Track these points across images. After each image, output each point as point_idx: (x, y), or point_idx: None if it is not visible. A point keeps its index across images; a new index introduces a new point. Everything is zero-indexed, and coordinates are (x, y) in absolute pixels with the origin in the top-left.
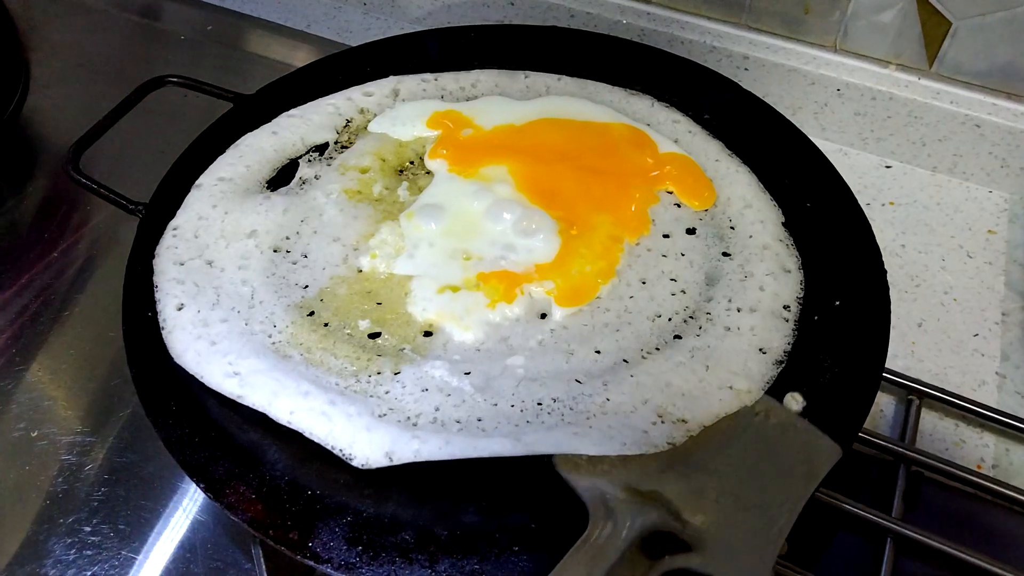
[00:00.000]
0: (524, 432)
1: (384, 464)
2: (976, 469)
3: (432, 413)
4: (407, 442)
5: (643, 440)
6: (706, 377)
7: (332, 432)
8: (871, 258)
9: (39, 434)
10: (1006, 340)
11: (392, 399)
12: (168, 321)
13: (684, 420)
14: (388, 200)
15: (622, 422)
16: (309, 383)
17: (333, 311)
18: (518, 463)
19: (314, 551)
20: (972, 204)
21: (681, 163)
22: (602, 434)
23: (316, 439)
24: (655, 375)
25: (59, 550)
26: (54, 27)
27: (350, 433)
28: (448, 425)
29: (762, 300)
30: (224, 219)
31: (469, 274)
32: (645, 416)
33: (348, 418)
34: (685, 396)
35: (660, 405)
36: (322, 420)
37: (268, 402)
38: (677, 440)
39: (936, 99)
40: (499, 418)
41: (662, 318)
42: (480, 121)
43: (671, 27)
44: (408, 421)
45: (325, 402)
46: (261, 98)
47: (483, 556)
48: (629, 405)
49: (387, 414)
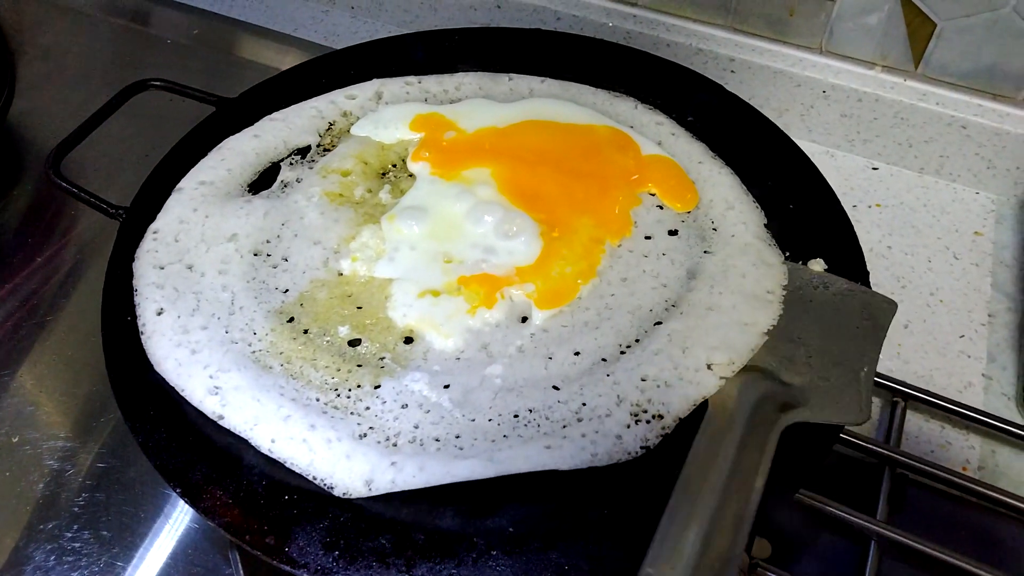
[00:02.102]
0: (499, 448)
1: (363, 494)
2: (961, 471)
3: (411, 431)
4: (385, 470)
5: (616, 448)
6: (682, 362)
7: (313, 463)
8: (854, 259)
9: (21, 439)
10: (992, 341)
11: (372, 416)
12: (148, 326)
13: (660, 416)
14: (370, 203)
15: (595, 428)
16: (290, 403)
17: (313, 317)
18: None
19: (290, 556)
20: (959, 205)
21: (664, 165)
22: (574, 446)
23: (298, 470)
24: (631, 370)
25: (39, 556)
26: (42, 30)
27: (330, 463)
28: (427, 444)
29: (745, 284)
30: (204, 223)
31: (450, 278)
32: (619, 419)
33: (328, 444)
34: (660, 388)
35: (635, 403)
36: (303, 449)
37: (250, 427)
38: (651, 442)
39: (922, 100)
40: (476, 433)
41: (642, 309)
42: (463, 124)
43: (657, 29)
44: (388, 442)
45: (306, 427)
46: (244, 102)
47: (460, 560)
48: (604, 408)
49: (367, 434)
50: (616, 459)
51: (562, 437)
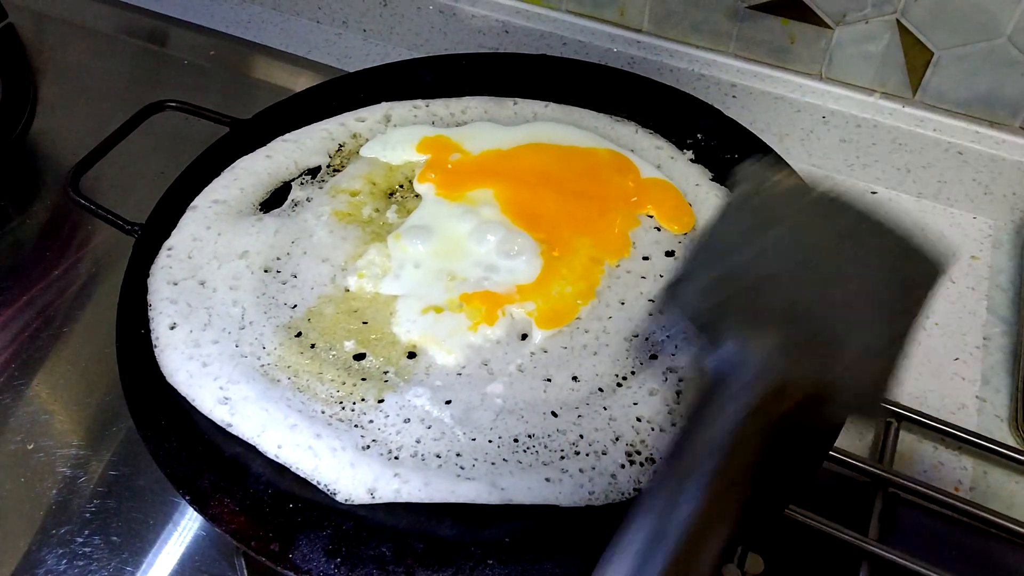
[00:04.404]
0: (500, 473)
1: (367, 501)
2: (954, 492)
3: (413, 446)
4: (388, 480)
5: (611, 487)
6: (676, 408)
7: (318, 468)
8: None
9: (36, 447)
10: (987, 364)
11: (375, 429)
12: (161, 339)
13: (652, 460)
14: (377, 222)
15: (592, 465)
16: (296, 414)
17: (320, 332)
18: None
19: (294, 562)
20: (956, 230)
21: (662, 188)
22: (573, 482)
23: (303, 474)
24: (627, 408)
25: (51, 560)
26: (63, 51)
27: (335, 469)
28: (428, 460)
29: None
30: (217, 240)
31: (453, 295)
32: (615, 458)
33: (333, 452)
34: (654, 432)
35: (630, 443)
36: (308, 455)
37: (257, 434)
38: (643, 485)
39: (920, 127)
40: (477, 454)
41: (639, 337)
42: (468, 146)
43: (660, 55)
44: (390, 454)
45: (311, 435)
46: (257, 123)
47: (458, 568)
48: (600, 444)
49: (371, 446)
50: (611, 499)
51: (561, 470)
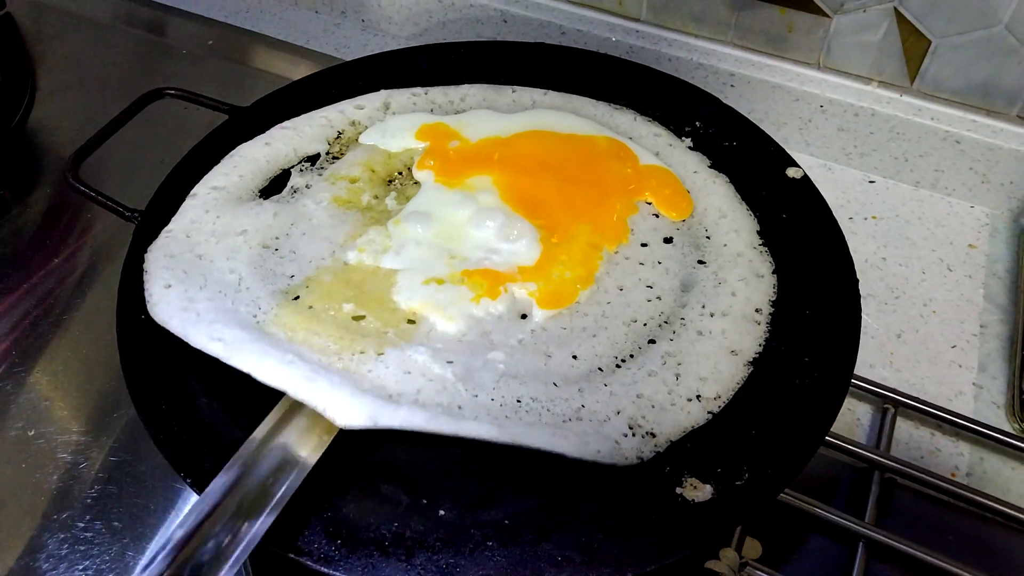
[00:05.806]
0: (505, 424)
1: (367, 426)
2: (950, 477)
3: (414, 395)
4: (392, 411)
5: (615, 451)
6: (675, 388)
7: (317, 391)
8: (844, 266)
9: (36, 433)
10: (984, 352)
11: (375, 377)
12: (154, 296)
13: (653, 434)
14: (377, 208)
15: (596, 430)
16: (293, 355)
17: (318, 295)
18: (491, 461)
19: (294, 544)
20: (953, 219)
21: (660, 175)
22: (579, 439)
23: (300, 398)
24: (627, 385)
25: (53, 545)
26: (61, 40)
27: (334, 397)
28: (429, 407)
29: (734, 305)
30: (216, 221)
31: (454, 270)
32: (617, 427)
33: (332, 386)
34: (655, 409)
35: (631, 417)
36: (306, 384)
37: (252, 367)
38: (645, 455)
39: (917, 115)
40: (479, 409)
41: (637, 323)
42: (467, 133)
43: (659, 44)
44: (390, 398)
45: (308, 371)
46: (256, 110)
47: (457, 550)
48: (603, 414)
49: (370, 390)
50: (616, 461)
51: (566, 430)
